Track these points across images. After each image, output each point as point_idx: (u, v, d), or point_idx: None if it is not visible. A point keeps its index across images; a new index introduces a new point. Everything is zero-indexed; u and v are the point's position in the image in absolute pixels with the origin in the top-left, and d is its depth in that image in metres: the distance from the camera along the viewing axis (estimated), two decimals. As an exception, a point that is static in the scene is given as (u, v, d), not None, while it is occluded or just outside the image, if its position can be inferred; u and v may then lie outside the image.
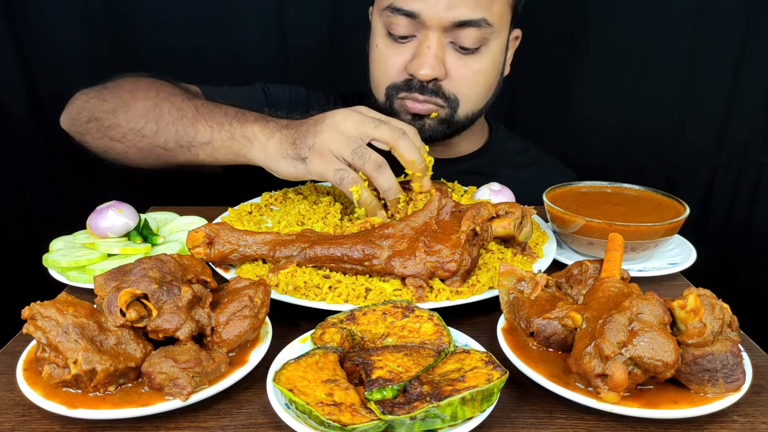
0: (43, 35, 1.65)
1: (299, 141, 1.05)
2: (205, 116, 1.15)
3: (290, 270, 0.90)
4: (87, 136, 1.28)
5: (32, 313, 0.66)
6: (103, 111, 1.25)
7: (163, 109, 1.19)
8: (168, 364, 0.65)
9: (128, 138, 1.22)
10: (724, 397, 0.65)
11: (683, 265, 1.03)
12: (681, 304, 0.66)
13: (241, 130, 1.11)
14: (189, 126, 1.16)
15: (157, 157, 1.22)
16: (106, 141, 1.26)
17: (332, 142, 1.01)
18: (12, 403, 0.69)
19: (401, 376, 0.64)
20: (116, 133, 1.23)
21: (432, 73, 1.22)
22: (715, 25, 1.74)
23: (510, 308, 0.79)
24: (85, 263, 0.95)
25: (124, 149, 1.24)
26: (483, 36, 1.23)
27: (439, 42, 1.22)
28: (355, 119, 1.03)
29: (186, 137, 1.16)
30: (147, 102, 1.21)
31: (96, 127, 1.25)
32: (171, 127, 1.17)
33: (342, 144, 1.01)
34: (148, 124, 1.19)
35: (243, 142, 1.10)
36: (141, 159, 1.25)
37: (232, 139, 1.12)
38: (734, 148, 1.89)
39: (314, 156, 1.02)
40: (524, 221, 0.98)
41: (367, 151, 1.01)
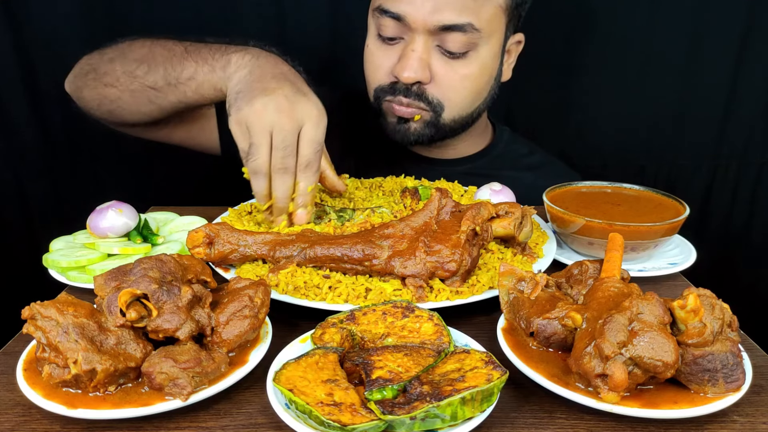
0: (43, 34, 1.65)
1: (241, 94, 1.03)
2: (192, 53, 1.17)
3: (290, 270, 0.90)
4: (84, 90, 1.31)
5: (32, 313, 0.66)
6: (102, 61, 1.28)
7: (155, 52, 1.21)
8: (168, 364, 0.65)
9: (121, 81, 1.24)
10: (724, 397, 0.65)
11: (683, 265, 1.03)
12: (681, 304, 0.66)
13: (222, 60, 1.11)
14: (177, 64, 1.17)
15: (149, 100, 1.23)
16: (100, 89, 1.27)
17: (251, 118, 0.99)
18: (12, 403, 0.69)
19: (401, 376, 0.64)
20: (110, 78, 1.25)
21: (414, 76, 1.22)
22: (715, 25, 1.74)
23: (510, 308, 0.79)
24: (85, 263, 0.95)
25: (117, 94, 1.26)
26: (470, 41, 1.22)
27: (425, 45, 1.22)
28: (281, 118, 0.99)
29: (173, 74, 1.17)
30: (143, 49, 1.24)
31: (93, 77, 1.28)
32: (160, 67, 1.19)
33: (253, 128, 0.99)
34: (141, 66, 1.21)
35: (220, 74, 1.11)
36: (133, 104, 1.26)
37: (212, 71, 1.12)
38: (734, 148, 1.89)
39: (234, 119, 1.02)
40: (524, 221, 0.98)
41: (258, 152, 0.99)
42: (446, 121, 1.31)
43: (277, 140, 0.99)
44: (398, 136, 1.33)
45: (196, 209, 1.22)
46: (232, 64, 1.10)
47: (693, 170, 1.92)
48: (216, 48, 1.15)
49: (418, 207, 1.11)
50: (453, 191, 1.26)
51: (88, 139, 1.73)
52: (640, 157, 1.91)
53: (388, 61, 1.27)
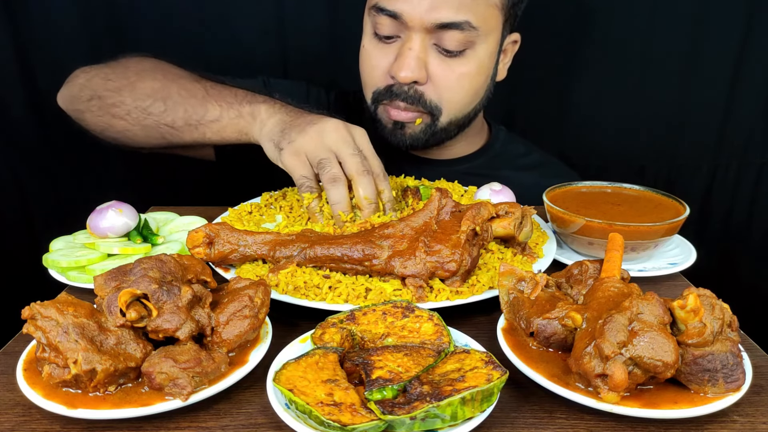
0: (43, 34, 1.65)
1: (287, 131, 1.07)
2: (214, 96, 1.19)
3: (290, 270, 0.90)
4: (87, 114, 1.29)
5: (32, 313, 0.66)
6: (107, 89, 1.26)
7: (171, 90, 1.22)
8: (168, 364, 0.65)
9: (132, 116, 1.23)
10: (724, 397, 0.65)
11: (683, 265, 1.03)
12: (681, 304, 0.66)
13: (249, 108, 1.14)
14: (198, 105, 1.19)
15: (161, 136, 1.24)
16: (107, 119, 1.26)
17: (310, 145, 1.04)
18: (12, 403, 0.69)
19: (401, 376, 0.64)
20: (120, 110, 1.24)
21: (412, 75, 1.21)
22: (715, 25, 1.74)
23: (510, 308, 0.79)
24: (85, 263, 0.95)
25: (126, 127, 1.25)
26: (467, 39, 1.21)
27: (422, 43, 1.21)
28: (341, 136, 1.05)
29: (195, 116, 1.19)
30: (154, 83, 1.23)
31: (98, 105, 1.26)
32: (179, 106, 1.20)
33: (316, 151, 1.03)
34: (156, 103, 1.21)
35: (248, 119, 1.14)
36: (143, 137, 1.26)
37: (239, 116, 1.15)
38: (734, 148, 1.89)
39: (289, 151, 1.05)
40: (524, 221, 0.98)
41: (331, 164, 1.03)
42: (443, 125, 1.30)
43: (347, 151, 1.04)
44: (393, 140, 1.32)
45: (196, 209, 1.22)
46: (263, 111, 1.13)
47: (693, 170, 1.92)
48: (242, 95, 1.17)
49: (418, 207, 1.11)
50: (453, 191, 1.25)
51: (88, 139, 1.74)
52: (640, 157, 1.91)
53: (385, 60, 1.26)
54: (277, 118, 1.11)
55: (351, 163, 1.03)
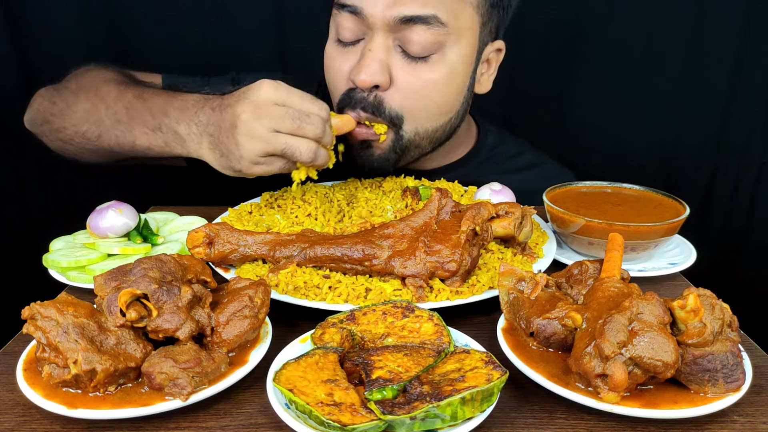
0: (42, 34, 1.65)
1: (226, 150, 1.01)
2: (136, 119, 1.12)
3: (290, 270, 0.90)
4: (44, 138, 1.29)
5: (32, 313, 0.66)
6: (52, 114, 1.24)
7: (100, 112, 1.17)
8: (168, 364, 0.65)
9: (76, 141, 1.21)
10: (724, 397, 0.65)
11: (683, 265, 1.03)
12: (681, 304, 0.66)
13: (170, 134, 1.08)
14: (127, 132, 1.14)
15: (109, 157, 1.23)
16: (58, 143, 1.26)
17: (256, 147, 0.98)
18: (12, 403, 0.69)
19: (401, 376, 0.64)
20: (65, 135, 1.23)
21: (371, 80, 1.10)
22: (715, 25, 1.74)
23: (510, 308, 0.79)
24: (85, 263, 0.95)
25: (76, 151, 1.24)
26: (435, 39, 1.10)
27: (384, 44, 1.11)
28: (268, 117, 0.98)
29: (126, 144, 1.15)
30: (86, 104, 1.19)
31: (48, 130, 1.26)
32: (111, 132, 1.16)
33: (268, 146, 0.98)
34: (90, 128, 1.18)
35: (179, 148, 1.09)
36: (95, 159, 1.25)
37: (167, 145, 1.10)
38: (734, 148, 1.89)
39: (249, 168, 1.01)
40: (524, 221, 0.98)
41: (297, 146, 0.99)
42: (409, 136, 1.18)
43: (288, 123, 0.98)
44: (359, 161, 1.21)
45: (196, 209, 1.22)
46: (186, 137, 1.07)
47: (693, 170, 1.92)
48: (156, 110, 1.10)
49: (418, 207, 1.11)
50: (453, 191, 1.25)
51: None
52: (640, 157, 1.91)
53: (347, 64, 1.15)
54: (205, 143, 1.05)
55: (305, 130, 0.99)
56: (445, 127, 1.22)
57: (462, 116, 1.26)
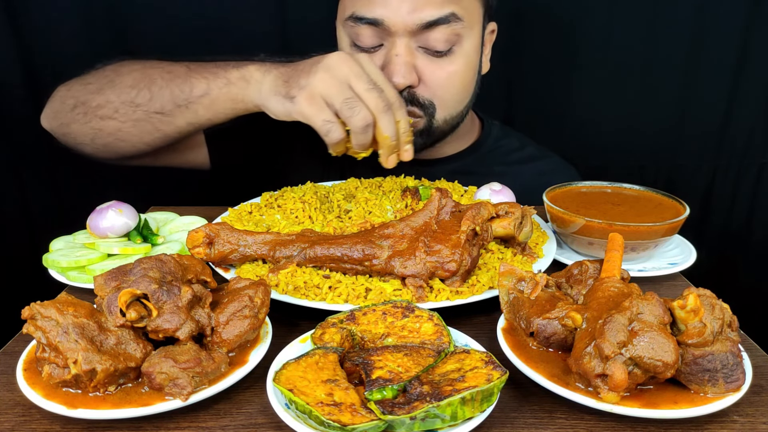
0: (44, 34, 1.65)
1: (293, 79, 1.03)
2: (197, 71, 1.14)
3: (290, 270, 0.90)
4: (73, 125, 1.25)
5: (32, 313, 0.66)
6: (89, 93, 1.22)
7: (152, 75, 1.17)
8: (168, 364, 0.65)
9: (120, 112, 1.19)
10: (724, 397, 0.65)
11: (683, 265, 1.03)
12: (681, 304, 0.66)
13: (238, 72, 1.09)
14: (183, 83, 1.14)
15: (154, 127, 1.19)
16: (95, 123, 1.22)
17: (324, 85, 0.99)
18: (12, 403, 0.69)
19: (401, 376, 0.64)
20: (107, 110, 1.20)
21: (404, 81, 1.17)
22: (715, 25, 1.74)
23: (510, 308, 0.79)
24: (85, 263, 0.96)
25: (116, 126, 1.21)
26: (454, 33, 1.17)
27: (408, 47, 1.17)
28: (352, 68, 1.00)
29: (182, 95, 1.14)
30: (134, 74, 1.19)
31: (83, 111, 1.22)
32: (165, 90, 1.15)
33: (334, 90, 0.99)
34: (141, 93, 1.17)
35: (240, 84, 1.09)
36: (136, 134, 1.21)
37: (228, 84, 1.10)
38: (734, 148, 1.89)
39: (303, 97, 1.00)
40: (524, 221, 0.98)
41: (358, 104, 0.99)
42: (439, 123, 1.27)
43: (362, 84, 0.99)
44: None
45: (196, 209, 1.22)
46: (254, 72, 1.08)
47: (693, 170, 1.92)
48: (224, 63, 1.13)
49: (418, 207, 1.11)
50: (453, 191, 1.25)
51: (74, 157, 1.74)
52: (640, 157, 1.91)
53: None
54: (274, 73, 1.06)
55: (369, 98, 0.99)
56: (463, 111, 1.32)
57: (474, 98, 1.34)
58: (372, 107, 1.00)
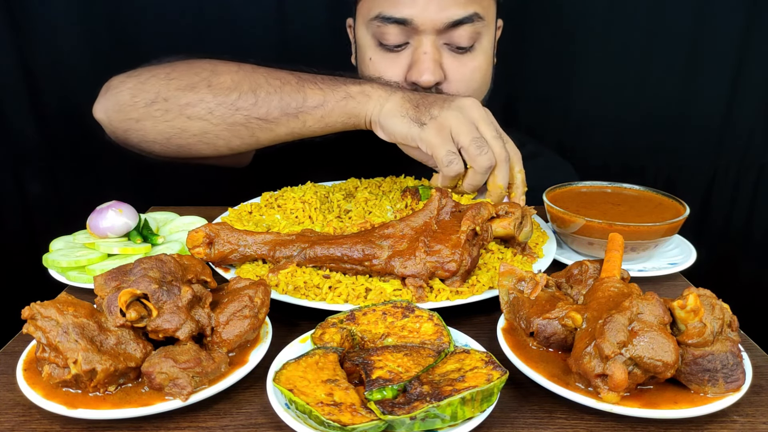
0: (43, 35, 1.65)
1: (423, 107, 1.06)
2: (309, 81, 1.13)
3: (290, 270, 0.90)
4: (146, 122, 1.16)
5: (32, 313, 0.66)
6: (177, 89, 1.14)
7: (258, 80, 1.13)
8: (168, 364, 0.65)
9: (216, 114, 1.13)
10: (724, 397, 0.65)
11: (683, 265, 1.03)
12: (681, 304, 0.66)
13: (359, 87, 1.11)
14: (295, 92, 1.12)
15: (251, 133, 1.14)
16: (179, 122, 1.14)
17: (456, 122, 1.03)
18: (12, 403, 0.69)
19: (401, 376, 0.64)
20: (198, 110, 1.13)
21: (433, 78, 1.20)
22: (715, 25, 1.74)
23: (510, 308, 0.79)
24: (85, 263, 0.95)
25: (205, 128, 1.14)
26: (476, 31, 1.22)
27: (434, 45, 1.21)
28: (482, 115, 1.05)
29: (294, 103, 1.11)
30: (234, 75, 1.14)
31: (164, 108, 1.14)
32: (274, 96, 1.12)
33: (464, 128, 1.03)
34: (244, 96, 1.12)
35: (360, 99, 1.10)
36: (227, 137, 1.15)
37: (348, 97, 1.11)
38: (734, 148, 1.89)
39: (434, 126, 1.03)
40: (524, 221, 0.98)
41: (486, 146, 1.02)
42: None
43: (491, 133, 1.04)
44: None
45: (196, 209, 1.22)
46: (375, 90, 1.10)
47: (693, 170, 1.93)
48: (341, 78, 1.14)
49: (418, 207, 1.11)
50: (453, 191, 1.26)
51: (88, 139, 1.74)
52: (640, 157, 1.91)
53: (398, 68, 1.24)
54: (400, 95, 1.08)
55: (495, 145, 1.03)
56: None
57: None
58: (495, 153, 1.04)
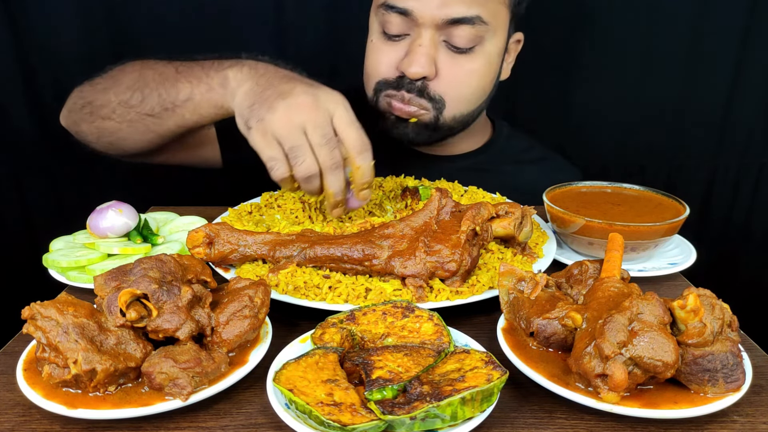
0: (43, 35, 1.65)
1: (256, 106, 1.01)
2: (184, 73, 1.14)
3: (290, 270, 0.90)
4: (83, 125, 1.27)
5: (32, 313, 0.66)
6: (95, 92, 1.24)
7: (146, 77, 1.18)
8: (168, 364, 0.65)
9: (117, 113, 1.20)
10: (724, 397, 0.65)
11: (683, 265, 1.03)
12: (681, 304, 0.66)
13: (218, 77, 1.09)
14: (171, 87, 1.14)
15: (147, 128, 1.20)
16: (98, 122, 1.24)
17: (279, 125, 0.97)
18: (12, 403, 0.69)
19: (401, 376, 0.64)
20: (107, 110, 1.21)
21: (422, 71, 1.20)
22: (715, 24, 1.74)
23: (510, 308, 0.79)
24: (85, 263, 0.95)
25: (115, 127, 1.22)
26: (477, 34, 1.21)
27: (432, 40, 1.20)
28: (312, 117, 0.97)
29: (168, 98, 1.14)
30: (133, 74, 1.20)
31: (89, 111, 1.25)
32: (155, 92, 1.16)
33: (285, 132, 0.96)
34: (134, 94, 1.18)
35: (220, 91, 1.09)
36: (132, 134, 1.22)
37: (210, 90, 1.10)
38: (734, 148, 1.89)
39: (258, 129, 0.99)
40: (524, 221, 0.98)
41: (304, 154, 0.97)
42: (446, 120, 1.28)
43: (317, 137, 0.96)
44: (396, 133, 1.30)
45: (196, 209, 1.22)
46: (231, 79, 1.07)
47: (693, 170, 1.92)
48: (209, 65, 1.12)
49: (418, 207, 1.11)
50: (453, 191, 1.25)
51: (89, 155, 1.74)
52: (640, 157, 1.91)
53: (394, 55, 1.24)
54: (246, 87, 1.05)
55: (320, 153, 0.97)
56: (475, 111, 1.33)
57: (488, 101, 1.37)
58: (321, 161, 0.98)
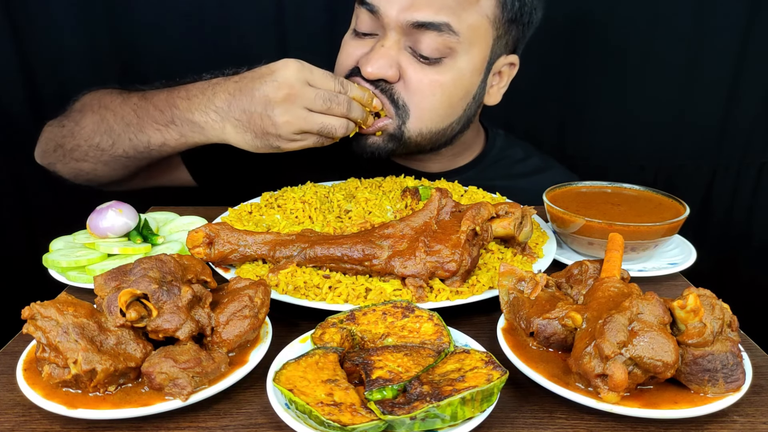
0: (43, 35, 1.65)
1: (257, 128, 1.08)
2: (144, 118, 1.16)
3: (290, 270, 0.90)
4: (58, 165, 1.30)
5: (32, 313, 0.66)
6: (63, 136, 1.26)
7: (108, 121, 1.20)
8: (168, 364, 0.65)
9: (90, 156, 1.23)
10: (724, 397, 0.65)
11: (683, 265, 1.03)
12: (681, 304, 0.66)
13: (189, 121, 1.12)
14: (138, 133, 1.17)
15: (123, 166, 1.24)
16: (73, 164, 1.27)
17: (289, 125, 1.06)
18: (12, 403, 0.69)
19: (401, 376, 0.64)
20: (79, 153, 1.24)
21: (378, 72, 1.15)
22: (715, 25, 1.74)
23: (510, 308, 0.79)
24: (85, 263, 0.95)
25: (91, 167, 1.26)
26: (446, 45, 1.14)
27: (397, 43, 1.15)
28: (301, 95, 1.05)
29: (141, 144, 1.17)
30: (94, 116, 1.22)
31: (62, 153, 1.27)
32: (123, 137, 1.18)
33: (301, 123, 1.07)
34: (103, 138, 1.20)
35: (194, 133, 1.13)
36: (110, 172, 1.26)
37: (182, 136, 1.14)
38: (734, 148, 1.89)
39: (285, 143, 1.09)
40: (524, 221, 0.98)
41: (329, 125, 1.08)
42: (411, 134, 1.21)
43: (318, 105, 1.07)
44: (353, 146, 1.24)
45: (196, 209, 1.22)
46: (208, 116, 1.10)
47: (693, 170, 1.92)
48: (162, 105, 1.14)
49: (418, 207, 1.11)
50: (453, 191, 1.25)
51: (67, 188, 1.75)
52: (640, 157, 1.91)
53: (359, 51, 1.21)
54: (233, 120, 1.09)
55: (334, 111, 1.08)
56: (446, 131, 1.26)
57: (465, 124, 1.29)
58: (339, 114, 1.09)
